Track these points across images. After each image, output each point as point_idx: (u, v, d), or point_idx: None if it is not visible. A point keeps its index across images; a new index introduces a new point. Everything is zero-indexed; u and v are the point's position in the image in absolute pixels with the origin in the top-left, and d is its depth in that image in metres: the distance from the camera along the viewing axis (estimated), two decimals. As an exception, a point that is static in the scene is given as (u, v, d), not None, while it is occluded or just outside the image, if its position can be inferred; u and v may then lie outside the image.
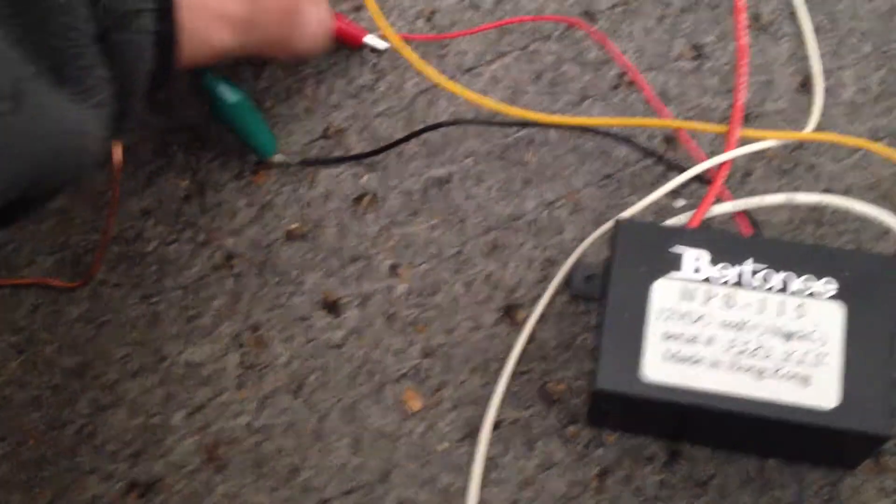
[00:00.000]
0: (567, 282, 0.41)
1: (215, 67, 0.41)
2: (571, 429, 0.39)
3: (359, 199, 0.44)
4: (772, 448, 0.38)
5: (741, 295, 0.36)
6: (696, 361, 0.35)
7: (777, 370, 0.35)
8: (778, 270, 0.36)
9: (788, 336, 0.35)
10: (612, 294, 0.36)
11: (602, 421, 0.39)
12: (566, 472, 0.39)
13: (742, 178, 0.43)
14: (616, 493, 0.38)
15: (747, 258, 0.36)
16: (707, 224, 0.40)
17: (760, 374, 0.35)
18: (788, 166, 0.43)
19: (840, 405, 0.34)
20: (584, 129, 0.44)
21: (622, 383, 0.35)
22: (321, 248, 0.43)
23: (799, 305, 0.35)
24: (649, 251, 0.37)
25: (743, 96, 0.41)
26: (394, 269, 0.42)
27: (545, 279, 0.41)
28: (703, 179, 0.42)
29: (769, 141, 0.40)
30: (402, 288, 0.42)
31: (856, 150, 0.43)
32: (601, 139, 0.44)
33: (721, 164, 0.39)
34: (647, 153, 0.43)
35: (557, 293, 0.41)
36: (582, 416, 0.39)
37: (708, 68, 0.45)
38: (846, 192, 0.42)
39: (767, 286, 0.36)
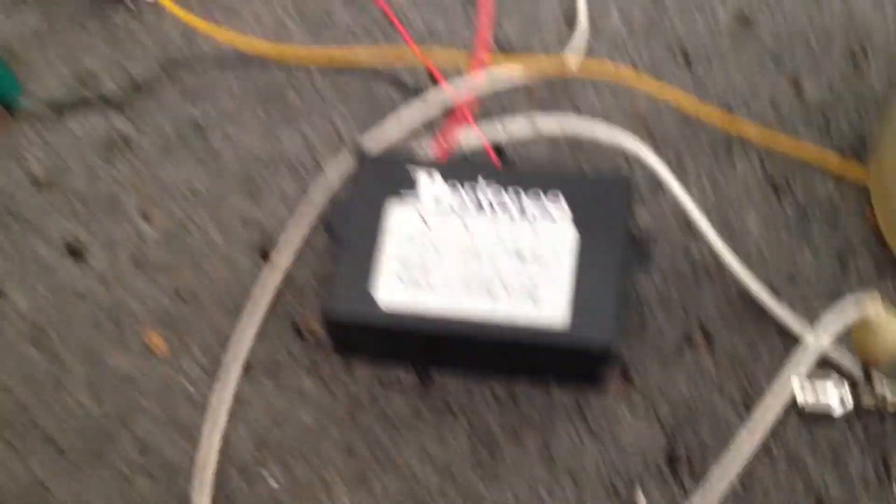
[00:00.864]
0: (325, 220, 0.40)
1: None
2: (322, 364, 0.39)
3: (111, 144, 0.42)
4: (518, 369, 0.38)
5: (477, 219, 0.36)
6: (431, 285, 0.35)
7: (510, 291, 0.35)
8: (514, 194, 0.36)
9: (522, 258, 0.35)
10: (348, 221, 0.35)
11: (351, 353, 0.38)
12: (316, 406, 0.38)
13: (502, 112, 0.43)
14: (367, 424, 0.38)
15: (484, 183, 0.36)
16: (456, 154, 0.40)
17: (493, 295, 0.35)
18: (550, 100, 0.43)
19: (569, 323, 0.34)
20: (349, 69, 0.43)
21: (355, 309, 0.34)
22: (69, 194, 0.41)
23: (533, 228, 0.36)
24: (389, 179, 0.36)
25: (486, 29, 0.41)
26: (145, 213, 0.41)
27: (302, 218, 0.40)
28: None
29: (518, 72, 0.40)
30: (152, 232, 0.41)
31: (616, 82, 0.43)
32: (365, 78, 0.43)
33: (466, 95, 0.39)
34: (411, 91, 0.43)
35: (315, 232, 0.40)
36: (332, 351, 0.39)
37: (472, 3, 0.45)
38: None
39: (503, 210, 0.36)
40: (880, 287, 0.39)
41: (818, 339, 0.35)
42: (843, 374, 0.38)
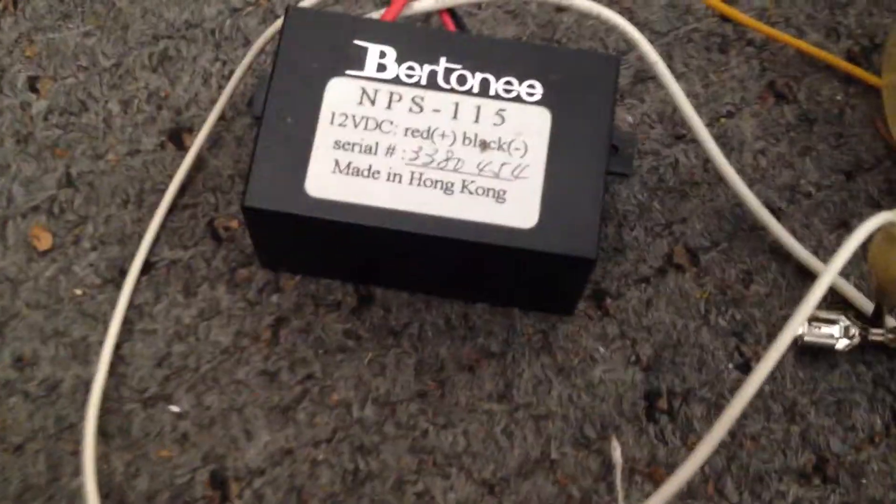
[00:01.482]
0: (249, 101, 0.34)
1: None
2: (243, 272, 0.33)
3: (-5, 1, 0.35)
4: (474, 287, 0.32)
5: (431, 97, 0.29)
6: (374, 174, 0.29)
7: (469, 184, 0.29)
8: (477, 70, 0.30)
9: (484, 145, 0.29)
10: (273, 93, 0.29)
11: (279, 264, 0.32)
12: (232, 321, 0.32)
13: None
14: (291, 345, 0.32)
15: (442, 56, 0.30)
16: (409, 23, 0.34)
17: (449, 188, 0.29)
18: (521, -22, 0.37)
19: (540, 224, 0.28)
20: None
21: (279, 200, 0.28)
22: (-60, 57, 0.35)
23: (499, 111, 0.29)
24: (326, 45, 0.30)
25: None
26: (33, 82, 0.34)
27: (223, 97, 0.34)
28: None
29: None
30: (40, 105, 0.34)
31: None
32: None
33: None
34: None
35: (239, 113, 0.34)
36: (257, 262, 0.33)
37: None
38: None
39: (463, 88, 0.30)
40: (892, 206, 0.34)
41: (832, 270, 0.29)
42: (850, 306, 0.33)
